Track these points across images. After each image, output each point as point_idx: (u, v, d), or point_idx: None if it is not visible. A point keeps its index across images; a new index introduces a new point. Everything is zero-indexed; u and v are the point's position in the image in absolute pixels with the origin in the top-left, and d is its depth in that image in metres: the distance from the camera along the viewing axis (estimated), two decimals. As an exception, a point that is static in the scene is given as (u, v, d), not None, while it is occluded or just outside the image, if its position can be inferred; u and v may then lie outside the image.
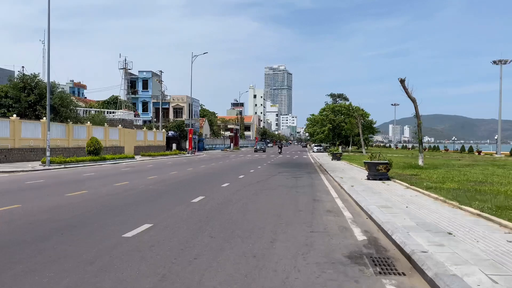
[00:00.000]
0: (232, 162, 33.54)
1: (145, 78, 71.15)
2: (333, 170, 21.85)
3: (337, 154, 35.08)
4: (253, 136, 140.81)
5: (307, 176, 19.73)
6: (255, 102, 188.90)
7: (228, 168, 24.93)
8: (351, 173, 20.06)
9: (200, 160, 36.62)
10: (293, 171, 22.68)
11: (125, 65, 57.57)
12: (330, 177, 18.57)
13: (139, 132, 49.38)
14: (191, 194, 11.72)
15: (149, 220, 7.89)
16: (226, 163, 31.00)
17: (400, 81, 25.08)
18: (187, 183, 15.40)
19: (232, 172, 21.29)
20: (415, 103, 25.33)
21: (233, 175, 19.19)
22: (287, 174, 20.72)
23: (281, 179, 17.50)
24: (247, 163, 31.95)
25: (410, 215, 8.14)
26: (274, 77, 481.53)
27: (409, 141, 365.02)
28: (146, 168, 24.04)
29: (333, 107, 71.94)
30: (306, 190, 13.62)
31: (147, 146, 50.57)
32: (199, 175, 19.16)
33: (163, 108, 70.14)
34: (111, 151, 40.77)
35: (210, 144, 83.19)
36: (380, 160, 15.94)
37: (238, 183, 15.34)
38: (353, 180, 16.10)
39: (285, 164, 30.39)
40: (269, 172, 22.02)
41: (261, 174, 20.19)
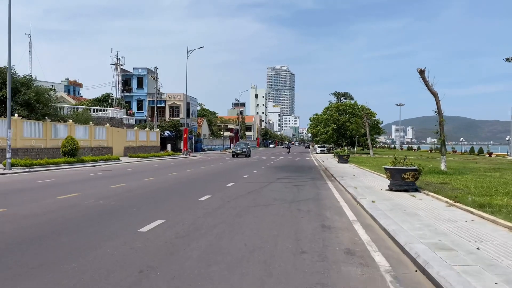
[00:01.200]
0: (227, 164, 30.07)
1: (140, 75, 67.82)
2: (342, 176, 18.31)
3: (344, 156, 31.53)
4: (254, 137, 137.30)
5: (311, 183, 16.22)
6: (257, 102, 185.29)
7: (219, 172, 21.44)
8: (366, 180, 16.50)
9: (192, 162, 33.14)
10: (294, 177, 19.17)
11: (117, 61, 54.19)
12: (340, 186, 15.04)
13: (130, 132, 45.96)
14: (147, 217, 8.22)
15: (34, 279, 4.40)
16: (219, 166, 27.52)
17: (420, 72, 21.52)
18: (155, 195, 11.88)
19: (222, 178, 17.80)
20: (437, 97, 21.77)
21: (221, 182, 15.70)
22: (287, 180, 17.22)
23: (279, 189, 13.99)
24: (243, 166, 28.47)
25: (498, 273, 4.61)
26: (276, 78, 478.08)
27: (413, 142, 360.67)
28: (122, 173, 20.56)
29: (338, 106, 68.31)
30: (311, 206, 10.09)
31: (139, 147, 47.14)
32: (179, 183, 15.65)
33: (159, 106, 66.86)
34: (97, 152, 37.38)
35: (209, 145, 79.80)
36: (407, 166, 12.40)
37: (222, 195, 11.84)
38: (371, 191, 12.58)
39: (286, 168, 26.87)
40: (266, 177, 18.52)
41: (255, 181, 16.69)
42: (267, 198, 11.48)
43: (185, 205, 9.76)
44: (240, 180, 16.89)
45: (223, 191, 13.03)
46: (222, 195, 11.91)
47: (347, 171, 21.90)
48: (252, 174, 20.36)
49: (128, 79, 68.88)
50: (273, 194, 12.46)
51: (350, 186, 14.05)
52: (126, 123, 51.59)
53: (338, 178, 17.66)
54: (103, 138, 40.00)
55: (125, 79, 68.65)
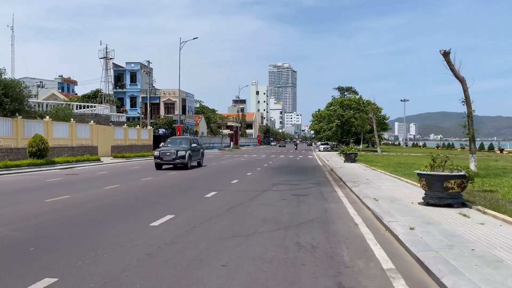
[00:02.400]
0: (219, 165, 26.61)
1: (133, 70, 64.37)
2: (353, 181, 14.80)
3: (352, 155, 28.00)
4: (256, 134, 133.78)
5: (315, 191, 12.73)
6: (258, 99, 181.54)
7: (203, 176, 17.94)
8: (385, 187, 12.97)
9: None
10: (294, 182, 15.67)
11: (106, 54, 50.74)
12: (354, 196, 11.55)
13: (118, 130, 42.52)
14: (35, 269, 4.76)
15: None
16: (211, 167, 24.04)
17: (444, 54, 17.98)
18: (93, 216, 8.38)
19: (203, 185, 14.34)
20: (464, 84, 18.24)
21: (200, 191, 12.23)
22: (286, 187, 13.74)
23: (273, 201, 10.51)
24: (238, 166, 25.01)
25: None
26: (278, 75, 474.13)
27: (416, 138, 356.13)
28: (87, 178, 17.09)
29: (342, 101, 64.62)
30: (318, 236, 6.62)
31: (129, 146, 43.72)
32: (142, 194, 12.15)
33: (153, 103, 63.60)
34: (80, 152, 33.98)
35: (207, 143, 76.27)
36: (449, 171, 8.89)
37: (191, 215, 8.37)
38: (399, 206, 9.10)
39: (286, 169, 23.38)
40: (260, 183, 15.04)
41: (245, 189, 13.22)
42: (253, 219, 8.00)
43: (121, 239, 6.27)
44: (226, 188, 13.42)
45: (196, 206, 9.57)
46: (191, 214, 8.44)
47: (357, 173, 18.39)
48: (244, 179, 16.87)
49: (120, 75, 65.54)
50: (263, 211, 8.97)
51: (368, 196, 10.56)
52: (115, 120, 48.22)
53: (349, 183, 14.16)
54: (86, 136, 36.60)
55: (117, 75, 65.33)
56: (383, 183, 14.15)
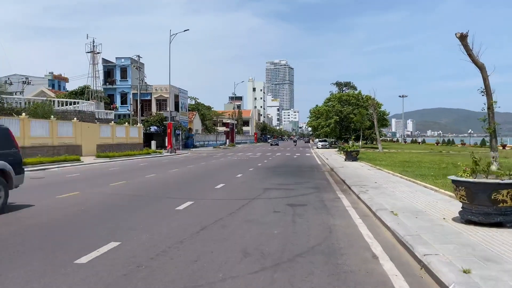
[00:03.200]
0: (209, 165, 24.27)
1: (123, 65, 61.75)
2: (360, 184, 12.48)
3: (353, 153, 25.68)
4: (252, 132, 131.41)
5: (315, 199, 10.41)
6: (255, 96, 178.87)
7: (186, 180, 15.57)
8: (399, 193, 10.63)
9: (169, 162, 27.34)
10: (290, 186, 13.34)
11: (93, 48, 48.20)
12: (363, 206, 9.21)
13: (104, 127, 40.10)
14: None
15: None
16: (197, 168, 21.69)
17: (460, 38, 15.59)
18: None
19: (181, 191, 11.98)
20: (484, 71, 15.82)
21: (172, 201, 9.87)
22: (279, 194, 11.41)
23: (261, 215, 8.17)
24: (228, 167, 22.68)
25: None
26: (275, 72, 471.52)
27: (413, 135, 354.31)
28: (49, 182, 14.68)
29: (340, 96, 62.26)
30: (319, 281, 4.31)
31: (117, 144, 41.32)
32: (102, 205, 9.82)
33: (144, 100, 61.08)
34: (62, 151, 31.58)
35: (202, 141, 74.03)
36: (496, 177, 6.56)
37: (143, 241, 6.02)
38: (427, 222, 6.79)
39: (281, 169, 21.06)
40: (249, 188, 12.69)
41: (229, 197, 10.89)
42: (229, 249, 5.66)
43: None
44: (207, 195, 11.08)
45: (157, 225, 7.22)
46: (144, 241, 6.09)
47: (362, 174, 16.08)
48: (232, 182, 14.53)
49: (110, 70, 62.98)
50: (246, 233, 6.63)
51: (383, 208, 8.25)
52: (103, 117, 45.83)
53: (355, 187, 11.84)
54: (69, 134, 34.19)
55: (107, 71, 62.79)
56: (395, 187, 11.83)
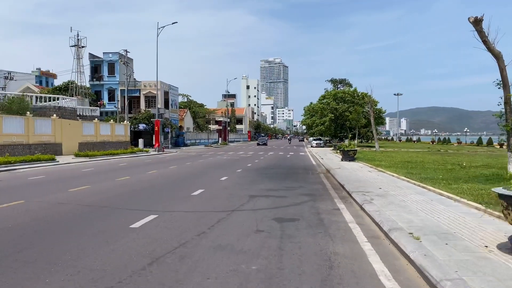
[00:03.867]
0: (194, 165, 22.27)
1: (111, 61, 59.48)
2: (362, 191, 10.56)
3: (350, 152, 23.79)
4: (246, 130, 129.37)
5: (309, 211, 8.49)
6: (249, 94, 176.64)
7: (160, 185, 13.58)
8: (413, 203, 8.70)
9: (153, 162, 25.33)
10: (280, 192, 11.41)
11: (77, 42, 45.90)
12: (371, 223, 7.25)
13: (87, 125, 37.92)
14: None
15: None
16: (181, 169, 19.69)
17: (474, 23, 13.78)
18: None
19: (149, 199, 10.02)
20: (501, 60, 14.03)
21: (132, 214, 7.90)
22: (266, 203, 9.47)
23: (237, 241, 6.21)
24: (215, 167, 20.70)
25: None
26: (270, 70, 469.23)
27: (407, 133, 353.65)
28: (2, 187, 12.68)
29: (335, 93, 60.34)
30: None
31: (101, 143, 39.19)
32: (16, 230, 7.85)
33: (133, 96, 58.97)
34: (39, 150, 29.51)
35: (193, 139, 71.92)
36: None
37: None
38: (466, 253, 4.90)
39: (272, 170, 19.12)
40: (231, 196, 10.74)
41: (205, 207, 8.93)
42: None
43: None
44: (177, 206, 9.11)
45: (97, 252, 5.26)
46: (61, 282, 4.14)
47: (363, 177, 14.17)
48: (212, 187, 12.56)
49: (97, 66, 60.69)
50: (212, 269, 4.68)
51: (397, 227, 6.34)
52: (88, 114, 43.65)
53: (357, 194, 9.94)
54: (47, 132, 32.03)
55: (94, 66, 60.51)
56: (405, 195, 9.92)
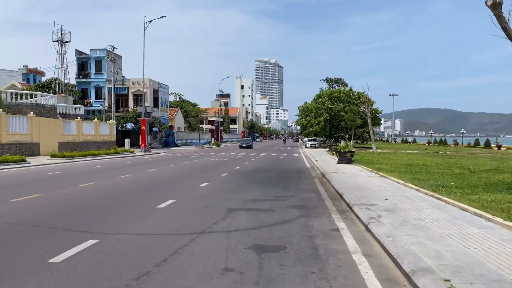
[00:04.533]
0: (178, 168, 20.26)
1: (98, 58, 57.23)
2: (365, 203, 8.60)
3: (347, 154, 21.88)
4: (240, 130, 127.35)
5: (299, 234, 6.49)
6: (243, 93, 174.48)
7: (127, 192, 11.49)
8: (433, 223, 6.71)
9: (132, 164, 23.30)
10: (266, 205, 9.44)
11: (61, 37, 43.69)
12: (386, 258, 5.28)
13: (68, 123, 35.78)
14: None
15: None
16: (159, 172, 17.66)
17: (492, 7, 11.82)
18: None
19: (101, 215, 7.99)
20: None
21: (66, 240, 5.90)
22: (246, 221, 7.45)
23: (199, 283, 4.30)
24: (197, 171, 18.69)
25: None
26: (265, 70, 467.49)
27: (401, 134, 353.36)
28: None
29: (331, 93, 58.48)
30: None
31: (84, 143, 37.09)
32: None
33: (121, 94, 56.84)
34: (13, 150, 27.39)
35: (184, 139, 69.82)
36: None
37: None
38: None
39: (262, 174, 17.17)
40: (204, 210, 8.74)
41: (164, 228, 6.93)
42: None
43: None
44: (131, 226, 7.10)
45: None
46: None
47: (363, 184, 12.25)
48: (187, 197, 10.56)
49: (84, 63, 58.44)
50: None
51: (423, 268, 4.41)
52: (70, 112, 41.47)
53: (359, 208, 8.01)
54: (23, 131, 29.89)
55: (81, 63, 58.26)
56: (420, 209, 7.99)
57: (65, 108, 43.15)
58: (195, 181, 13.86)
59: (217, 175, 16.31)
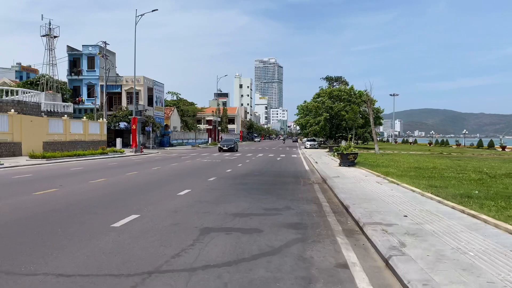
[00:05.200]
0: (163, 171, 18.29)
1: (90, 54, 55.26)
2: (379, 222, 6.64)
3: (350, 156, 19.90)
4: (238, 130, 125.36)
5: (293, 281, 4.60)
6: (241, 93, 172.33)
7: (89, 202, 9.49)
8: (486, 261, 4.75)
9: (117, 166, 21.34)
10: (252, 222, 7.47)
11: (48, 31, 41.72)
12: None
13: (54, 122, 33.81)
14: None
15: None
16: (141, 175, 15.69)
17: None
18: None
19: (32, 241, 6.10)
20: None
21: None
22: (220, 250, 5.49)
23: None
24: (185, 174, 16.73)
25: None
26: (264, 70, 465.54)
27: (401, 135, 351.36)
28: None
29: (331, 91, 56.52)
30: None
31: (71, 142, 35.14)
32: None
33: (114, 92, 54.92)
34: (-9, 150, 25.47)
35: (180, 139, 67.84)
36: None
37: None
38: None
39: (254, 178, 15.20)
40: (171, 230, 6.73)
41: (103, 266, 4.97)
42: None
43: None
44: (65, 258, 5.13)
45: None
46: None
47: (372, 193, 10.30)
48: (159, 208, 8.60)
49: (77, 60, 56.47)
50: None
51: None
52: (58, 110, 39.53)
53: (372, 229, 6.07)
54: (3, 129, 27.94)
55: (73, 60, 56.29)
56: (454, 233, 6.02)
57: (53, 106, 41.19)
58: (176, 188, 11.88)
59: (204, 180, 14.34)
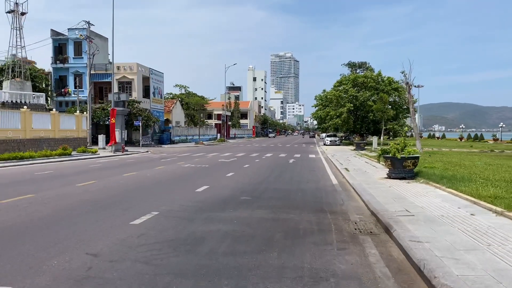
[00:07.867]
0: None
1: (78, 39, 48.30)
2: None
3: (409, 163, 12.08)
4: (251, 125, 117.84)
5: None
6: (255, 86, 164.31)
7: None
8: None
9: (52, 176, 14.04)
10: None
11: (15, 6, 34.89)
12: None
13: (10, 115, 26.75)
14: None
15: None
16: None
17: None
18: None
19: None
20: None
21: None
22: None
23: None
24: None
25: None
26: (280, 65, 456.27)
27: (421, 129, 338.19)
28: None
29: (355, 77, 48.36)
30: None
31: (34, 140, 28.09)
32: None
33: (104, 82, 48.17)
34: None
35: (183, 135, 60.67)
36: None
37: None
38: None
39: (234, 212, 7.63)
40: None
41: None
42: None
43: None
44: None
45: None
46: None
47: None
48: None
49: (62, 46, 49.74)
50: None
51: None
52: (24, 101, 32.74)
53: None
54: None
55: (58, 45, 49.57)
56: None
57: (19, 96, 34.38)
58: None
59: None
